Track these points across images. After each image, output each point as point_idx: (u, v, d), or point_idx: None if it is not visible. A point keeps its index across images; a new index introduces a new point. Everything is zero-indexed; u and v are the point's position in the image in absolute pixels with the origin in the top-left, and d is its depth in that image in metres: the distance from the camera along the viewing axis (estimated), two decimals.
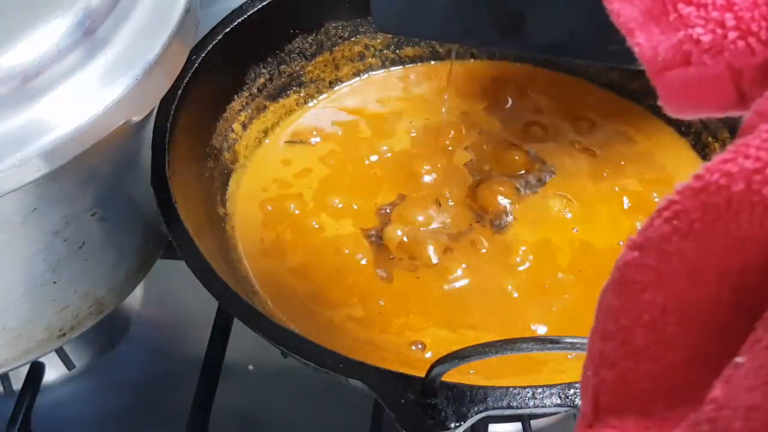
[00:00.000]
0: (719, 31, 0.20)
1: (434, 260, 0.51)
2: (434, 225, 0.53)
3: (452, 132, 0.59)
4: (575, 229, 0.53)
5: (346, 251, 0.52)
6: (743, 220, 0.18)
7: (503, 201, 0.54)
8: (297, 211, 0.54)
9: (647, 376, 0.21)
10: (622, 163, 0.57)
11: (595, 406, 0.22)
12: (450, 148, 0.58)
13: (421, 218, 0.53)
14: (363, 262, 0.51)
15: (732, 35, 0.20)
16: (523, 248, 0.52)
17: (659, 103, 0.22)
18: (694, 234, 0.18)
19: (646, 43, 0.21)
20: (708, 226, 0.18)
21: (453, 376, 0.36)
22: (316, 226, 0.53)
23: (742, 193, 0.17)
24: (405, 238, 0.52)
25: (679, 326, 0.19)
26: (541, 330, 0.48)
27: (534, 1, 0.34)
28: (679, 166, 0.57)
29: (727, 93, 0.21)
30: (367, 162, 0.57)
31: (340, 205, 0.54)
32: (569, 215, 0.54)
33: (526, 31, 0.35)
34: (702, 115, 0.22)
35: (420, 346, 0.47)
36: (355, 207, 0.54)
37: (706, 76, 0.21)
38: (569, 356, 0.47)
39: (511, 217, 0.53)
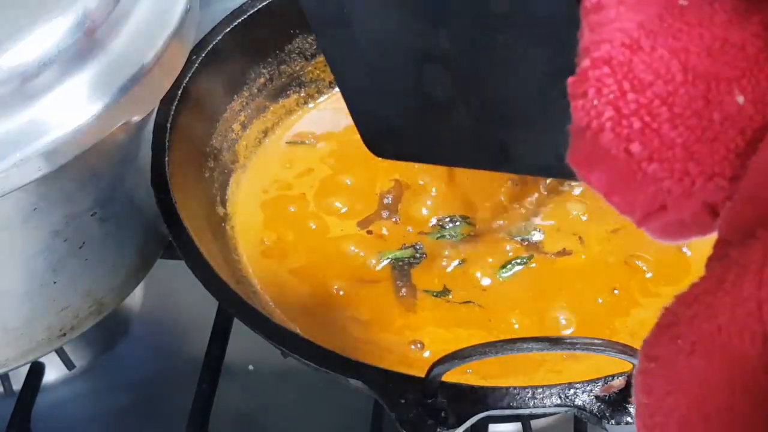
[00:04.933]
0: (686, 179, 0.21)
1: (448, 269, 0.51)
2: (446, 235, 0.53)
3: None
4: (583, 219, 0.53)
5: (348, 252, 0.52)
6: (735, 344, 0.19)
7: (524, 206, 0.54)
8: (298, 212, 0.54)
9: None
10: None
11: None
12: None
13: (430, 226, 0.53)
14: (364, 262, 0.51)
15: (699, 181, 0.21)
16: (545, 253, 0.51)
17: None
18: (697, 353, 0.19)
19: (622, 201, 0.22)
20: (706, 347, 0.19)
21: (452, 376, 0.36)
22: (318, 227, 0.53)
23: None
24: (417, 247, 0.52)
25: (706, 427, 0.20)
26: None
27: (517, 132, 0.36)
28: None
29: (707, 221, 0.22)
30: (368, 162, 0.57)
31: (342, 206, 0.54)
32: (586, 217, 0.53)
33: (515, 157, 0.37)
34: (691, 239, 0.23)
35: (419, 345, 0.47)
36: (357, 207, 0.54)
37: (684, 216, 0.22)
38: (564, 357, 0.46)
39: (533, 226, 0.53)
